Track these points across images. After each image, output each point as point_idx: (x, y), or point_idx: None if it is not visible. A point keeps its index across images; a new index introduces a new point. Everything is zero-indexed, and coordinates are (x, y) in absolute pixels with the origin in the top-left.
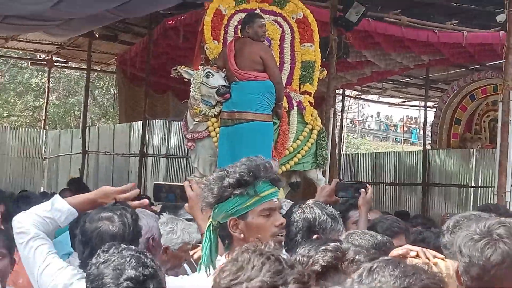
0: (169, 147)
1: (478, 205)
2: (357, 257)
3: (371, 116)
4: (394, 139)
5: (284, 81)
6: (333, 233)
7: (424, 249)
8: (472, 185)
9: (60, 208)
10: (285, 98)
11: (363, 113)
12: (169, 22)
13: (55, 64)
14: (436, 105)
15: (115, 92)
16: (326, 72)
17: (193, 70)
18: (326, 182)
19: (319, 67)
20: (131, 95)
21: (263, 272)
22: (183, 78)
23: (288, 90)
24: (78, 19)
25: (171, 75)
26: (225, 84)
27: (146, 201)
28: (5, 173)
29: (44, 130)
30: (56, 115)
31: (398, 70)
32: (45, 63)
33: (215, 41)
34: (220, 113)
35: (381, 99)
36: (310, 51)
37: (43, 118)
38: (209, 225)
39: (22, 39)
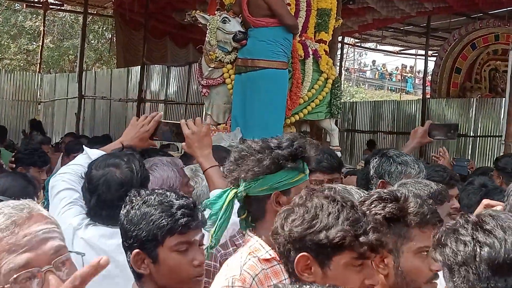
0: (167, 93)
1: (476, 155)
2: (420, 210)
3: (367, 65)
4: (389, 88)
5: (299, 29)
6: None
7: None
8: (471, 134)
9: (97, 156)
10: (300, 46)
11: (360, 61)
12: None
13: (50, 6)
14: (435, 54)
15: (111, 36)
16: (341, 20)
17: (209, 15)
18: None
19: (335, 15)
20: (129, 39)
21: (341, 220)
22: (196, 23)
23: (303, 38)
24: None
25: (184, 20)
26: (242, 30)
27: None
28: (0, 116)
29: (39, 74)
30: (50, 59)
31: (399, 18)
32: (40, 5)
33: None
34: (236, 59)
35: (379, 47)
36: None
37: (38, 62)
38: (233, 196)
39: None
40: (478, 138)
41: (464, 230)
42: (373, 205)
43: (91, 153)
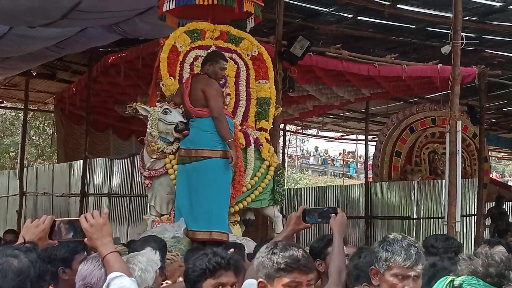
0: (111, 185)
1: (421, 236)
2: None
3: (309, 151)
4: (333, 173)
5: (239, 118)
6: None
7: None
8: (414, 216)
9: None
10: (242, 135)
11: (302, 148)
12: (109, 60)
13: None
14: (376, 138)
15: (53, 132)
16: (281, 109)
17: (150, 107)
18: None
19: (274, 104)
20: (70, 134)
21: None
22: (137, 115)
23: (244, 127)
24: (16, 57)
25: (125, 112)
26: (183, 121)
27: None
28: None
29: None
30: None
31: (339, 104)
32: None
33: (171, 78)
34: (178, 150)
35: (321, 133)
36: (266, 88)
37: None
38: None
39: None
40: (421, 220)
41: None
42: None
43: None
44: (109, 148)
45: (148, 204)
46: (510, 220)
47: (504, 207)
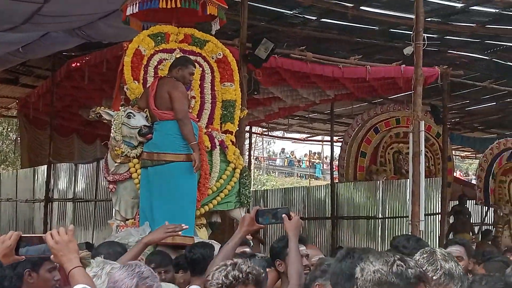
0: (76, 190)
1: (386, 236)
2: None
3: (276, 153)
4: (299, 175)
5: (205, 121)
6: None
7: None
8: (380, 216)
9: None
10: (207, 137)
11: (269, 150)
12: (72, 64)
13: None
14: (341, 139)
15: (16, 137)
16: (247, 111)
17: (113, 111)
18: None
19: (240, 106)
20: (34, 139)
21: None
22: (101, 119)
23: (210, 130)
24: None
25: (89, 117)
26: (147, 124)
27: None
28: None
29: None
30: None
31: (304, 106)
32: None
33: (136, 81)
34: (141, 154)
35: (287, 135)
36: (231, 90)
37: None
38: None
39: None
40: (386, 219)
41: None
42: None
43: None
44: (73, 152)
45: (113, 209)
46: (467, 219)
47: (466, 205)
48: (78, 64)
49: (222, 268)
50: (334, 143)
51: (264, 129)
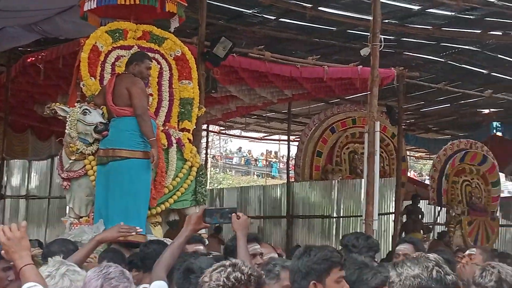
0: (29, 187)
1: (340, 235)
2: None
3: (233, 152)
4: (255, 173)
5: (162, 119)
6: None
7: None
8: (334, 215)
9: None
10: (163, 135)
11: (225, 148)
12: (28, 59)
13: None
14: (297, 139)
15: None
16: (204, 109)
17: (68, 107)
18: None
19: (198, 104)
20: None
21: None
22: (56, 116)
23: (167, 127)
24: None
25: (44, 113)
26: (103, 121)
27: None
28: None
29: None
30: None
31: (261, 105)
32: None
33: (92, 78)
34: (97, 151)
35: (244, 133)
36: (189, 88)
37: None
38: None
39: None
40: (341, 218)
41: None
42: None
43: None
44: (27, 149)
45: (67, 206)
46: (419, 218)
47: (418, 205)
48: (34, 59)
49: (221, 269)
50: (291, 143)
51: (221, 128)
